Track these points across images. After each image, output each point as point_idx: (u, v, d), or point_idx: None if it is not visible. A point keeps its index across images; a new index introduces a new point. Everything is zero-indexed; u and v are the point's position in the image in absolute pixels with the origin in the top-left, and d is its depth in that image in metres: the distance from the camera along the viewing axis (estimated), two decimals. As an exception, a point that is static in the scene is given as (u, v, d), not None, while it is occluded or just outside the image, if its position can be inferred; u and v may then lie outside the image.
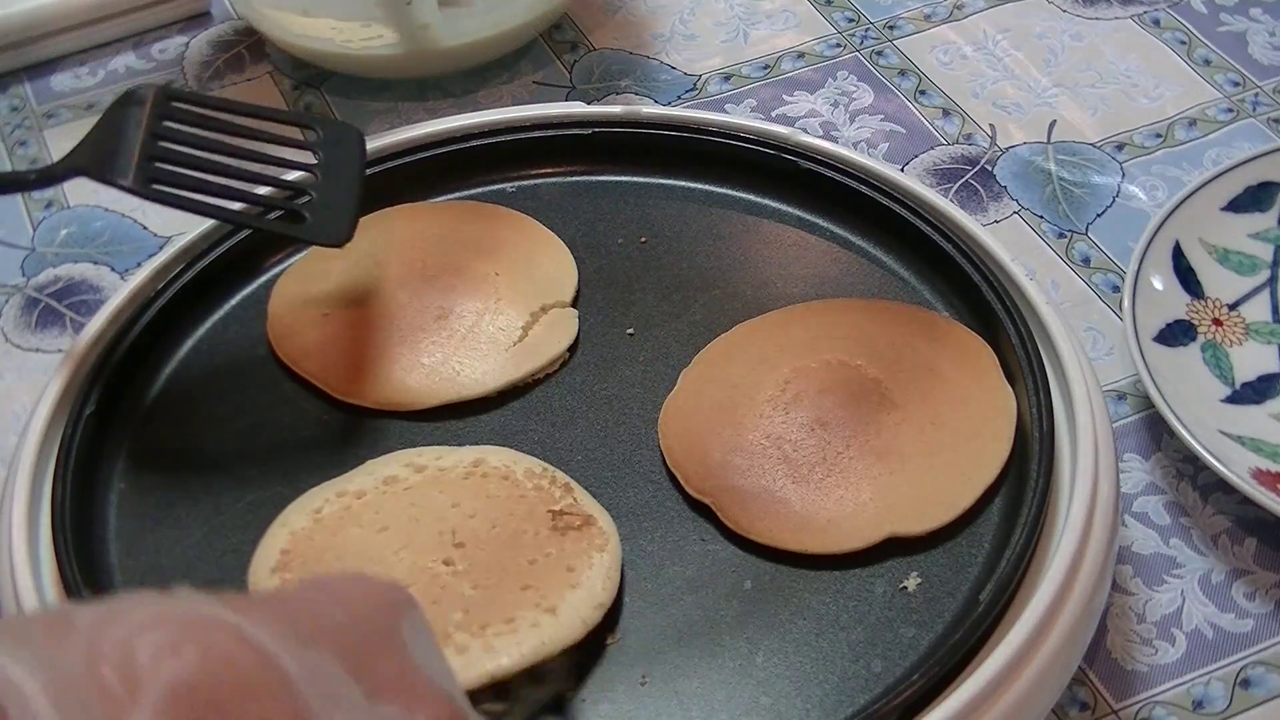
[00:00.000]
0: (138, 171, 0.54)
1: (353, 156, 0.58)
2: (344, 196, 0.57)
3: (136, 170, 0.54)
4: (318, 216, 0.56)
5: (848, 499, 0.51)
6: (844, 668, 0.48)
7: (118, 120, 0.56)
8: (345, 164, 0.58)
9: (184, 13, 0.83)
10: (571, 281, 0.60)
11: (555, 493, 0.51)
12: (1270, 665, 0.52)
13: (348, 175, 0.58)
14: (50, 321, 0.68)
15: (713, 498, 0.52)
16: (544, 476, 0.52)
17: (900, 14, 0.80)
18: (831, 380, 0.54)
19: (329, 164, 0.58)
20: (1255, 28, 0.77)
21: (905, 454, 0.52)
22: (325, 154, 0.58)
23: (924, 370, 0.54)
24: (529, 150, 0.65)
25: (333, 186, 0.57)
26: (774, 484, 0.52)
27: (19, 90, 0.80)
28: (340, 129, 0.60)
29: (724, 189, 0.64)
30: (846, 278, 0.60)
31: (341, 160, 0.58)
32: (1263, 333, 0.61)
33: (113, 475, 0.55)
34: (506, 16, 0.75)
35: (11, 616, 0.45)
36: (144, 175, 0.54)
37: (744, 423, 0.53)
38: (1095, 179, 0.70)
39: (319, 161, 0.58)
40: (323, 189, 0.57)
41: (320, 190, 0.57)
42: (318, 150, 0.58)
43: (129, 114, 0.56)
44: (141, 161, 0.54)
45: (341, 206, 0.57)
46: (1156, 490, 0.58)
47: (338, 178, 0.58)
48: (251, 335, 0.60)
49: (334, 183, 0.57)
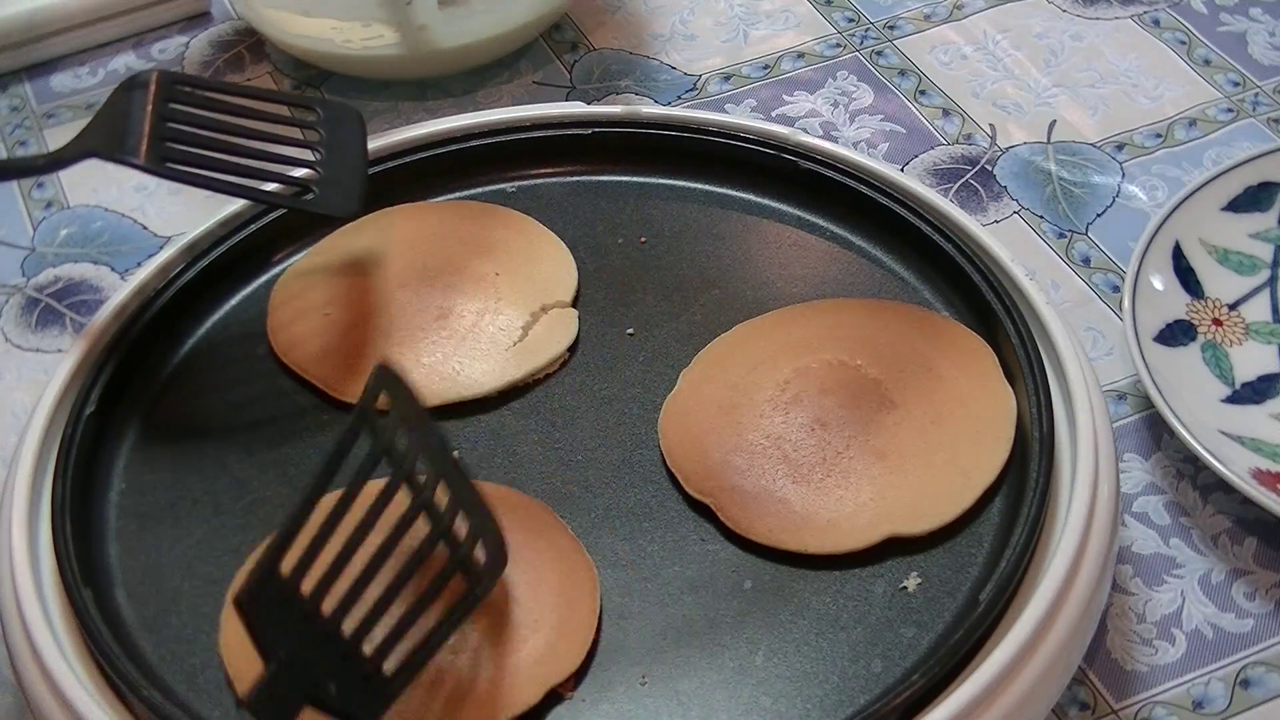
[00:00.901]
0: (149, 150, 0.55)
1: (354, 134, 0.60)
2: (350, 171, 0.59)
3: (148, 149, 0.55)
4: (326, 191, 0.58)
5: (848, 499, 0.51)
6: (844, 668, 0.48)
7: (123, 104, 0.56)
8: (348, 142, 0.59)
9: (184, 13, 0.83)
10: (571, 281, 0.60)
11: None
12: (1270, 665, 0.52)
13: (351, 152, 0.59)
14: (50, 321, 0.68)
15: (713, 498, 0.52)
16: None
17: (900, 14, 0.80)
18: (831, 380, 0.54)
19: (332, 142, 0.59)
20: (1255, 28, 0.77)
21: (905, 454, 0.52)
22: (327, 133, 0.59)
23: (924, 370, 0.54)
24: (529, 150, 0.65)
25: (338, 163, 0.59)
26: (774, 484, 0.51)
27: (19, 90, 0.80)
28: (340, 109, 0.61)
29: (724, 189, 0.64)
30: (846, 278, 0.60)
31: (344, 138, 0.59)
32: (1263, 333, 0.61)
33: (113, 475, 0.55)
34: (506, 17, 0.75)
35: None
36: (156, 153, 0.55)
37: (744, 423, 0.53)
38: (1095, 179, 0.70)
39: (322, 139, 0.59)
40: (328, 165, 0.58)
41: (326, 166, 0.58)
42: (319, 129, 0.59)
43: (134, 97, 0.56)
44: (152, 141, 0.55)
45: (348, 181, 0.58)
46: (1156, 490, 0.58)
47: (342, 154, 0.59)
48: (251, 335, 0.59)
49: (339, 159, 0.59)
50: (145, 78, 0.57)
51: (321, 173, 0.58)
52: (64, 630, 0.49)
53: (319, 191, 0.58)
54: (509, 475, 0.54)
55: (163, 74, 0.58)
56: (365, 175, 0.59)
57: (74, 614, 0.49)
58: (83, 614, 0.48)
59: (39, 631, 0.48)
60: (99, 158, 0.55)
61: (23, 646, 0.48)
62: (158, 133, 0.56)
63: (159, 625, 0.50)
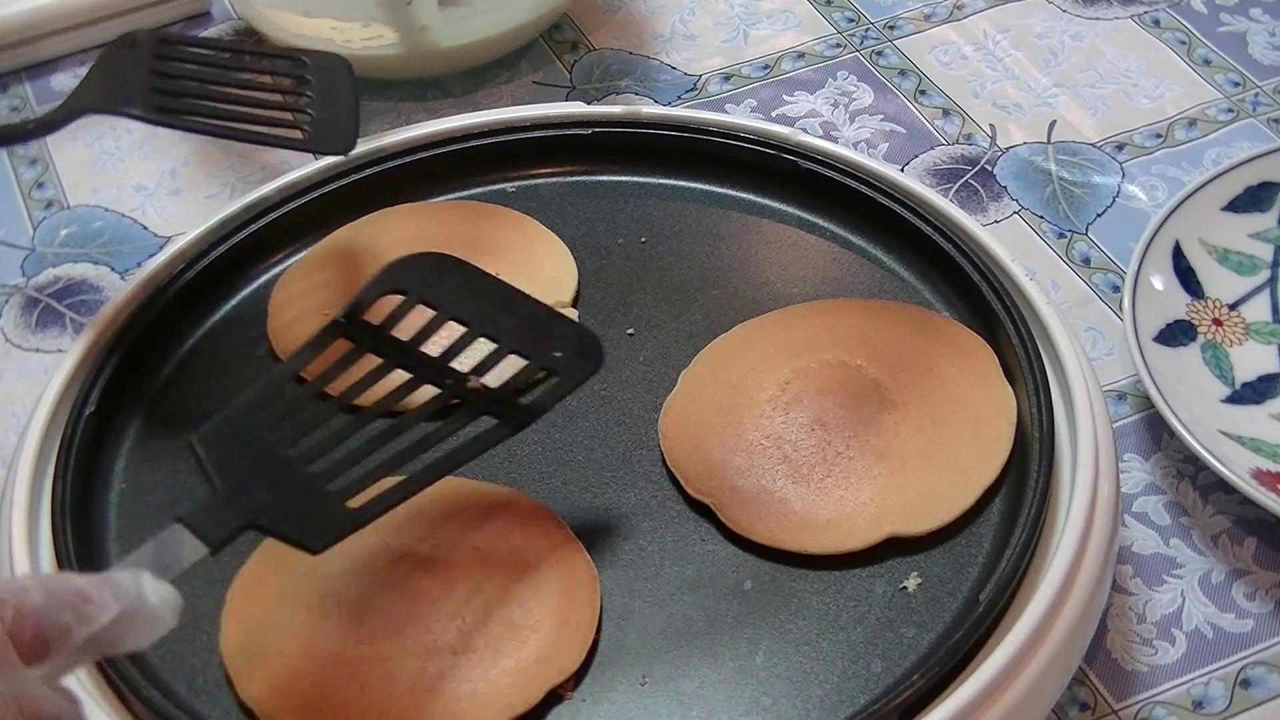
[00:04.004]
0: (145, 101, 0.56)
1: (344, 81, 0.62)
2: (343, 113, 0.60)
3: (144, 100, 0.56)
4: (321, 131, 0.59)
5: (848, 499, 0.51)
6: (844, 668, 0.48)
7: (114, 61, 0.57)
8: (337, 88, 0.61)
9: (184, 13, 0.83)
10: (571, 281, 0.60)
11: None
12: (1270, 665, 0.52)
13: (342, 96, 0.61)
14: (50, 321, 0.68)
15: (713, 498, 0.52)
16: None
17: (900, 14, 0.80)
18: (831, 380, 0.54)
19: (321, 89, 0.61)
20: (1255, 28, 0.77)
21: (905, 453, 0.52)
22: (317, 79, 0.61)
23: (924, 370, 0.54)
24: (529, 150, 0.65)
25: (330, 107, 0.60)
26: (774, 484, 0.51)
27: (19, 90, 0.80)
28: (327, 58, 0.63)
29: (724, 189, 0.64)
30: (846, 278, 0.60)
31: (334, 85, 0.61)
32: (1263, 333, 0.61)
33: (113, 475, 0.55)
34: (506, 17, 0.75)
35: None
36: (152, 104, 0.56)
37: (744, 423, 0.53)
38: (1095, 179, 0.70)
39: (311, 86, 0.61)
40: (320, 109, 0.60)
41: (319, 109, 0.60)
42: (309, 76, 0.61)
43: (125, 55, 0.57)
44: (147, 92, 0.56)
45: (342, 122, 0.60)
46: (1156, 490, 0.58)
47: (332, 99, 0.61)
48: (251, 335, 0.60)
49: (330, 104, 0.60)
50: (133, 38, 0.58)
51: (314, 114, 0.60)
52: (64, 630, 0.49)
53: (314, 132, 0.59)
54: (509, 475, 0.54)
55: (149, 32, 0.59)
56: (357, 117, 0.61)
57: (74, 614, 0.49)
58: (83, 614, 0.48)
59: (39, 631, 0.48)
60: (95, 113, 0.56)
61: (23, 646, 0.48)
62: (152, 86, 0.57)
63: (159, 625, 0.50)
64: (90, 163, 0.75)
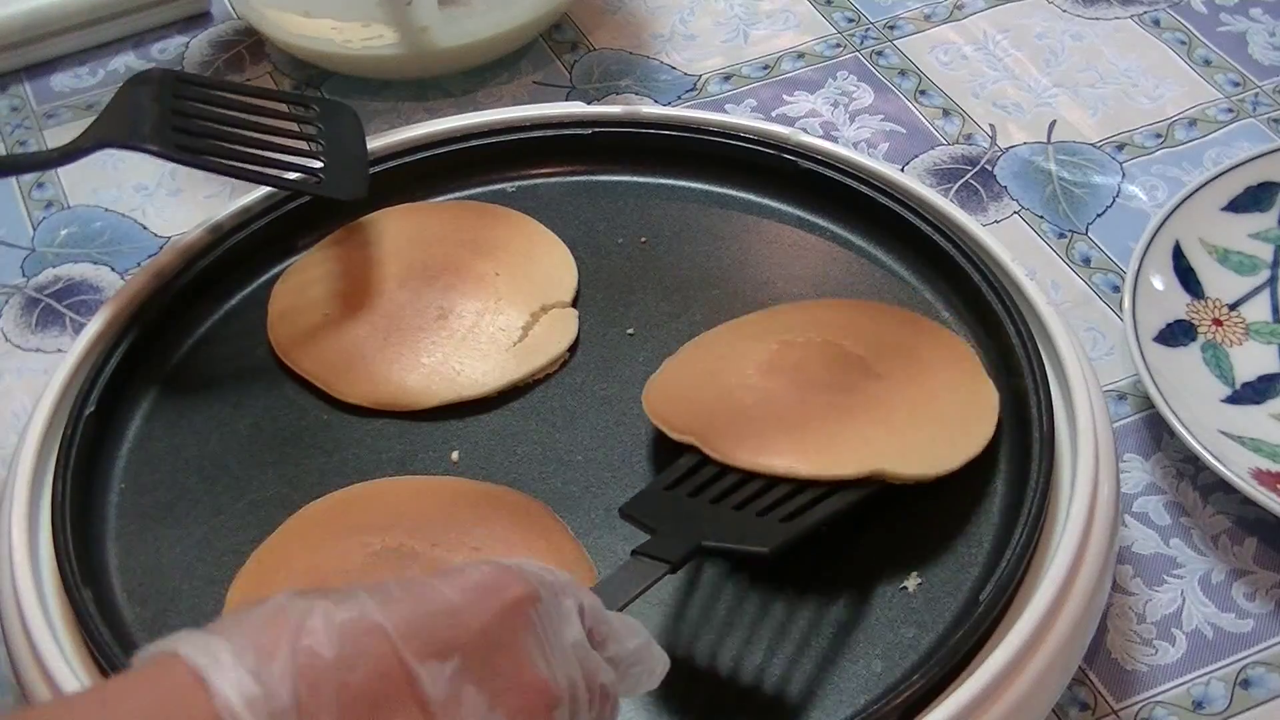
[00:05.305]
0: (165, 138, 0.57)
1: (352, 127, 0.63)
2: (353, 159, 0.61)
3: (164, 137, 0.57)
4: (333, 177, 0.60)
5: (836, 434, 0.50)
6: (844, 668, 0.48)
7: (132, 97, 0.58)
8: (346, 134, 0.62)
9: (184, 13, 0.83)
10: (571, 281, 0.60)
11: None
12: (1270, 665, 0.52)
13: (351, 142, 0.62)
14: (50, 321, 0.68)
15: (696, 434, 0.51)
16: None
17: (900, 14, 0.80)
18: (816, 353, 0.53)
19: (331, 134, 0.62)
20: (1255, 28, 0.77)
21: (893, 405, 0.51)
22: (326, 126, 0.62)
23: (906, 352, 0.54)
24: (529, 150, 0.65)
25: (340, 152, 0.61)
26: (761, 418, 0.51)
27: (19, 90, 0.80)
28: (334, 106, 0.64)
29: (724, 189, 0.64)
30: (846, 278, 0.60)
31: (342, 131, 0.62)
32: (1263, 333, 0.61)
33: (113, 475, 0.55)
34: (506, 17, 0.75)
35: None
36: (169, 141, 0.57)
37: (730, 383, 0.53)
38: (1095, 179, 0.70)
39: (321, 132, 0.61)
40: (332, 154, 0.61)
41: (330, 156, 0.61)
42: (318, 124, 0.62)
43: (141, 92, 0.58)
44: (164, 129, 0.57)
45: (353, 168, 0.61)
46: (1156, 490, 0.58)
47: (343, 145, 0.62)
48: (251, 335, 0.60)
49: (341, 149, 0.61)
50: (148, 75, 0.59)
51: (325, 161, 0.60)
52: (64, 630, 0.49)
53: (326, 178, 0.60)
54: (509, 475, 0.54)
55: (165, 71, 0.60)
56: (367, 163, 0.62)
57: (74, 614, 0.49)
58: (83, 614, 0.48)
59: (39, 632, 0.48)
60: (114, 147, 0.57)
61: (23, 646, 0.48)
62: (167, 123, 0.58)
63: (159, 625, 0.50)
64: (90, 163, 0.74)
